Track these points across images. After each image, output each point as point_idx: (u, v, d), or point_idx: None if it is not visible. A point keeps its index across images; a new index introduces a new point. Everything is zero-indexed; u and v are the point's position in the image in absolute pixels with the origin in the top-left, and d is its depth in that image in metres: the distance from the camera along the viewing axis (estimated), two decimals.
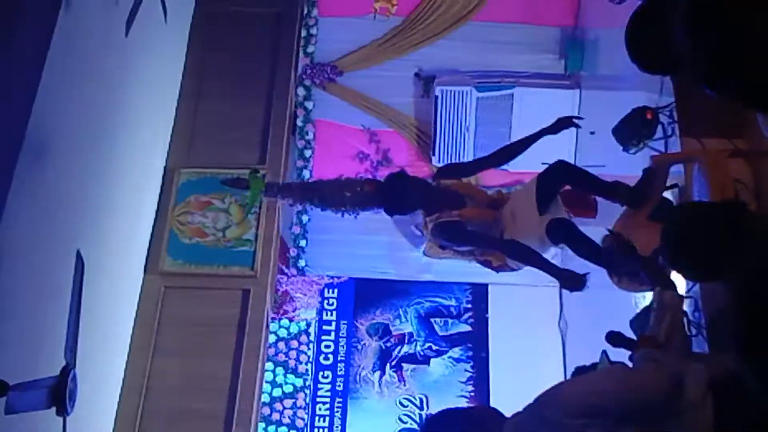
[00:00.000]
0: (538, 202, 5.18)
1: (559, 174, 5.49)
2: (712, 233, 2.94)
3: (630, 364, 3.44)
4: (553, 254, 5.57)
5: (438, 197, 5.27)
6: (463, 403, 7.89)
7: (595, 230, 5.14)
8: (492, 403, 6.83)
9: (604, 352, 4.37)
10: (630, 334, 4.22)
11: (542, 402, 3.01)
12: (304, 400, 8.23)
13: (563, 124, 5.51)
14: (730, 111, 4.10)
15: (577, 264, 5.33)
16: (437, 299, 8.69)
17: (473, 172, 5.80)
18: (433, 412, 3.25)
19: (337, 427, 8.22)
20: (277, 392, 8.17)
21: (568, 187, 5.50)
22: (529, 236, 5.17)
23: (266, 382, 7.88)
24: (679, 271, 3.43)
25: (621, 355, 3.91)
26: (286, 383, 8.25)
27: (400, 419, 8.24)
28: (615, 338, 3.65)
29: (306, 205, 5.61)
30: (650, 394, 2.90)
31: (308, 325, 8.51)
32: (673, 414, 2.86)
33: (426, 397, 8.32)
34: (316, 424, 8.23)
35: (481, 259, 5.39)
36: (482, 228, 5.24)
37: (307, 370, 8.36)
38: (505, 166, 8.17)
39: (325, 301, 8.68)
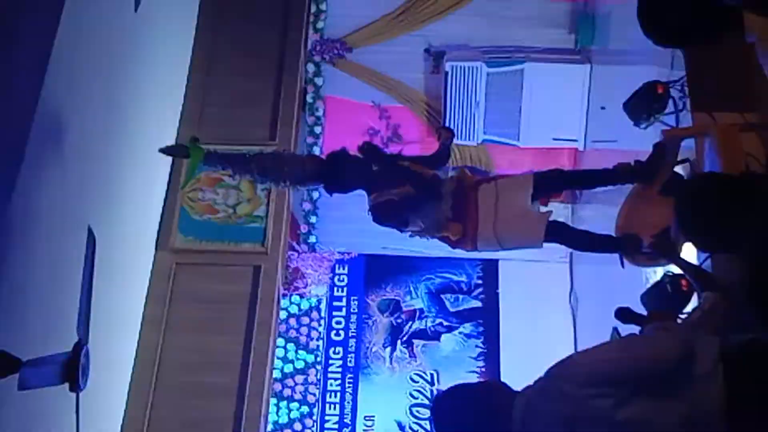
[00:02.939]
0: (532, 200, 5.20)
1: (559, 180, 5.50)
2: (725, 202, 2.93)
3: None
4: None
5: (377, 176, 5.23)
6: (474, 379, 7.92)
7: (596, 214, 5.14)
8: (503, 379, 6.85)
9: (615, 328, 4.37)
10: (641, 309, 4.22)
11: (553, 374, 3.01)
12: (316, 375, 8.26)
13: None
14: (742, 85, 4.09)
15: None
16: (448, 275, 8.70)
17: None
18: (443, 389, 3.25)
19: (348, 402, 8.25)
20: (288, 368, 8.20)
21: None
22: (509, 227, 5.16)
23: (277, 358, 7.91)
24: (691, 241, 3.42)
25: (631, 331, 3.91)
26: (298, 359, 8.28)
27: (411, 395, 8.27)
28: (624, 314, 3.64)
29: (246, 177, 5.53)
30: (661, 362, 2.90)
31: (319, 301, 8.53)
32: (685, 384, 2.86)
33: (437, 373, 8.35)
34: (328, 399, 8.27)
35: (438, 236, 5.37)
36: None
37: (318, 346, 8.38)
38: (515, 142, 8.27)
39: (336, 278, 8.70)
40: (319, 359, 8.33)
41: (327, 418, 8.20)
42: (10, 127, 4.21)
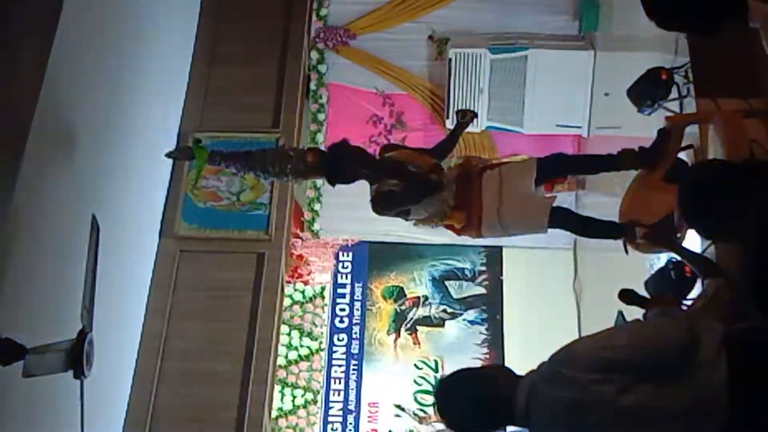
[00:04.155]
0: (536, 185, 5.19)
1: (562, 164, 5.49)
2: (727, 189, 2.92)
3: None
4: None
5: (379, 167, 5.25)
6: (478, 365, 7.92)
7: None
8: (507, 365, 6.86)
9: (620, 312, 4.37)
10: (645, 295, 4.21)
11: (557, 359, 3.02)
12: (320, 362, 8.27)
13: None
14: (746, 71, 4.08)
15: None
16: (452, 262, 8.70)
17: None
18: (448, 373, 3.26)
19: (352, 389, 8.27)
20: (292, 355, 8.22)
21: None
22: (513, 212, 5.17)
23: (282, 345, 7.92)
24: (694, 228, 3.41)
25: (635, 315, 3.91)
26: (302, 346, 8.30)
27: (415, 381, 8.28)
28: (628, 296, 3.63)
29: (249, 173, 5.55)
30: (665, 348, 2.90)
31: (323, 288, 8.54)
32: (688, 370, 2.87)
33: (441, 360, 8.36)
34: (332, 386, 8.28)
35: (442, 224, 5.37)
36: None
37: (322, 333, 8.40)
38: (519, 129, 8.26)
39: (340, 265, 8.71)
40: (323, 346, 8.34)
41: (331, 404, 8.22)
42: (13, 115, 4.21)
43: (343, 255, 8.75)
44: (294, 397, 8.10)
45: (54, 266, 4.69)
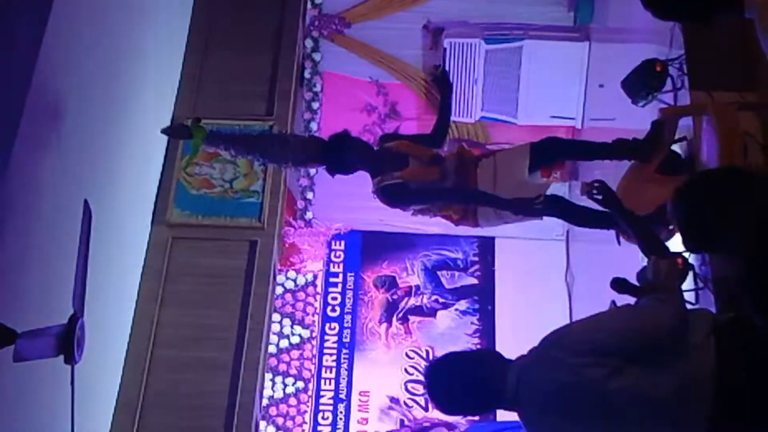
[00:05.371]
0: (530, 170, 5.19)
1: (555, 148, 5.48)
2: (720, 214, 2.85)
3: None
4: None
5: (380, 158, 5.26)
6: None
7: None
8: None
9: (613, 302, 4.38)
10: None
11: (548, 342, 3.04)
12: (311, 351, 8.27)
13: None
14: (741, 63, 4.08)
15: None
16: (444, 252, 8.71)
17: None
18: (438, 356, 3.27)
19: (343, 378, 8.28)
20: (284, 343, 8.22)
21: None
22: (508, 197, 5.17)
23: (273, 333, 7.91)
24: (693, 247, 3.38)
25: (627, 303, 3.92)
26: (293, 334, 8.29)
27: (406, 371, 8.29)
28: (620, 284, 3.64)
29: (247, 157, 5.54)
30: (655, 332, 2.92)
31: (315, 276, 8.54)
32: (677, 355, 2.88)
33: (432, 349, 8.36)
34: (323, 375, 8.29)
35: (440, 214, 5.37)
36: (427, 185, 5.21)
37: (314, 321, 8.40)
38: (513, 119, 8.25)
39: (332, 253, 8.71)
40: (314, 335, 8.34)
41: (322, 393, 8.22)
42: (5, 100, 4.20)
43: (335, 244, 8.75)
44: (285, 386, 8.10)
45: (45, 251, 4.68)
